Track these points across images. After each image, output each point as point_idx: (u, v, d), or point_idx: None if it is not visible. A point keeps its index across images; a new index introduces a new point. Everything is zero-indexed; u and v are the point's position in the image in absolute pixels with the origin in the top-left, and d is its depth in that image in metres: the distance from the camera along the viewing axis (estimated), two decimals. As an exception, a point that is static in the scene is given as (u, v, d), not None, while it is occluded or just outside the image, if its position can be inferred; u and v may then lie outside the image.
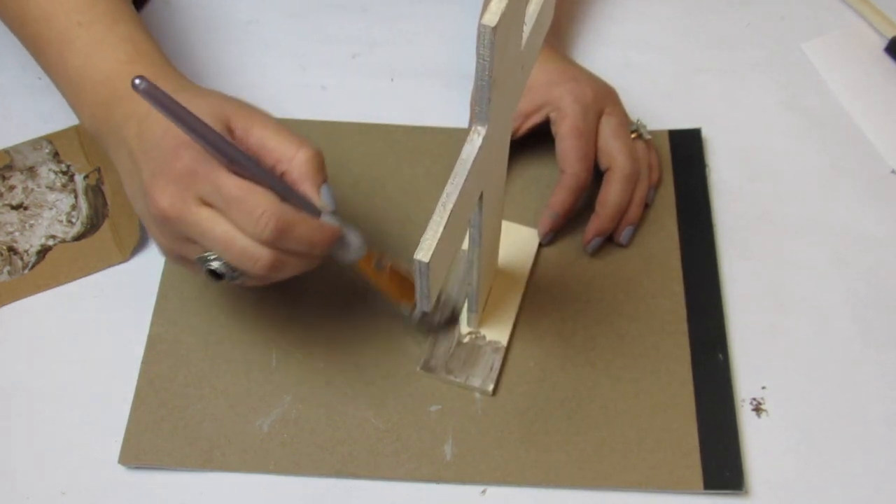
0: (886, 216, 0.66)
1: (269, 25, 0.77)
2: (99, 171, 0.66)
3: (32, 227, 0.64)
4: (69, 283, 0.62)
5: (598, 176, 0.63)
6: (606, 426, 0.56)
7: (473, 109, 0.41)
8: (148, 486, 0.54)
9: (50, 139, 0.68)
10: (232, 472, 0.55)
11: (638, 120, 0.65)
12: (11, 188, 0.66)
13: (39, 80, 0.71)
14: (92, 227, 0.64)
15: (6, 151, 0.67)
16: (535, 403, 0.57)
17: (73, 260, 0.62)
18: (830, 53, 0.75)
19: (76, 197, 0.65)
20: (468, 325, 0.59)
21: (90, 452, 0.55)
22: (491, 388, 0.57)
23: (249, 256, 0.45)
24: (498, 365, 0.58)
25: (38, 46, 0.56)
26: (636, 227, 0.63)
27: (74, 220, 0.64)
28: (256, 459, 0.55)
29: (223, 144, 0.44)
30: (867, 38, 0.76)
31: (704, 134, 0.70)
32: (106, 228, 0.64)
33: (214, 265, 0.47)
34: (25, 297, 0.61)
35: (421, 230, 0.40)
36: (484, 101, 0.40)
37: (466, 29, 0.76)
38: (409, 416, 0.56)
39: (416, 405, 0.57)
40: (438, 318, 0.59)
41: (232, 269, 0.47)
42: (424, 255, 0.40)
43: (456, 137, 0.69)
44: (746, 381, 0.58)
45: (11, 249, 0.63)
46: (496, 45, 0.37)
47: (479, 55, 0.37)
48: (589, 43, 0.76)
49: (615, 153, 0.61)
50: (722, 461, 0.55)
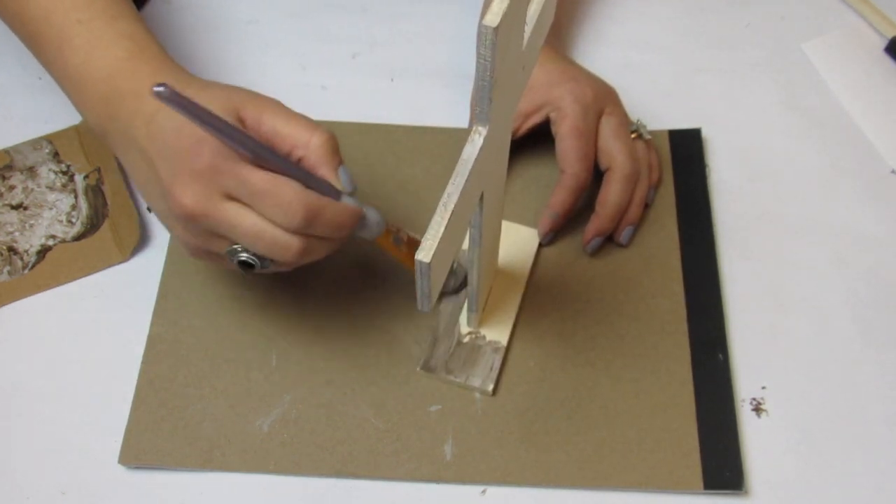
0: (886, 216, 0.66)
1: (269, 25, 0.77)
2: (99, 171, 0.66)
3: (32, 227, 0.64)
4: (69, 283, 0.62)
5: (598, 176, 0.63)
6: (606, 426, 0.56)
7: (474, 110, 0.41)
8: (148, 486, 0.54)
9: (50, 139, 0.68)
10: (232, 472, 0.55)
11: (638, 120, 0.65)
12: (11, 188, 0.65)
13: (40, 79, 0.71)
14: (92, 227, 0.64)
15: (6, 151, 0.67)
16: (535, 403, 0.57)
17: (73, 260, 0.62)
18: (830, 53, 0.75)
19: (76, 197, 0.65)
20: (468, 324, 0.59)
21: (90, 452, 0.55)
22: (491, 388, 0.57)
23: (281, 245, 0.46)
24: (498, 365, 0.58)
25: (38, 45, 0.56)
26: (636, 227, 0.63)
27: (74, 220, 0.64)
28: (256, 459, 0.55)
29: (244, 139, 0.45)
30: (867, 38, 0.76)
31: (704, 134, 0.70)
32: (106, 228, 0.64)
33: (244, 256, 0.48)
34: (25, 297, 0.61)
35: (421, 230, 0.40)
36: (485, 101, 0.40)
37: (466, 29, 0.76)
38: (409, 416, 0.56)
39: (416, 405, 0.57)
40: (453, 283, 0.60)
41: (261, 258, 0.48)
42: (425, 255, 0.40)
43: (456, 137, 0.69)
44: (746, 381, 0.58)
45: (11, 249, 0.63)
46: (497, 45, 0.37)
47: (480, 55, 0.37)
48: (589, 43, 0.76)
49: (615, 153, 0.61)
50: (722, 461, 0.55)
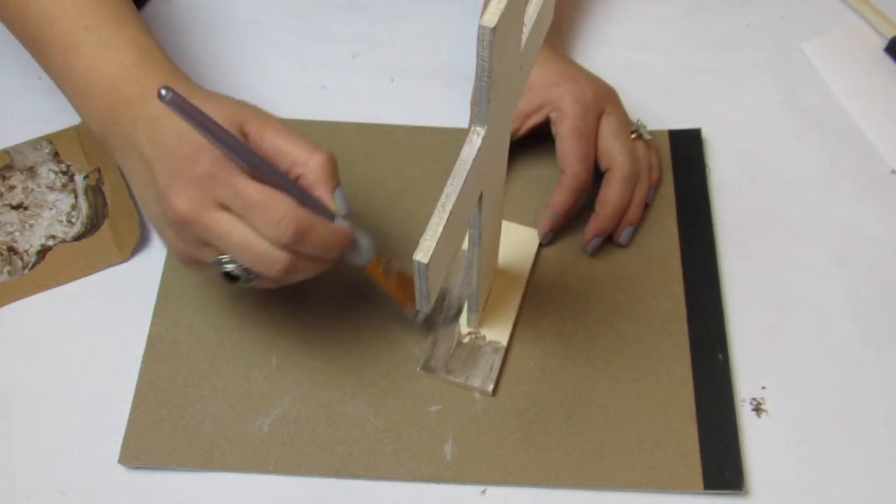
0: (886, 216, 0.66)
1: (269, 25, 0.77)
2: (99, 171, 0.66)
3: (32, 227, 0.64)
4: (69, 283, 0.62)
5: (598, 176, 0.63)
6: (606, 426, 0.56)
7: (473, 110, 0.41)
8: (148, 486, 0.54)
9: (50, 139, 0.68)
10: (232, 472, 0.55)
11: (638, 120, 0.65)
12: (11, 188, 0.66)
13: (40, 80, 0.71)
14: (92, 227, 0.64)
15: (6, 151, 0.67)
16: (535, 403, 0.57)
17: (73, 260, 0.62)
18: (830, 53, 0.75)
19: (76, 197, 0.65)
20: (468, 325, 0.59)
21: (90, 452, 0.55)
22: (491, 388, 0.57)
23: (267, 260, 0.46)
24: (498, 365, 0.58)
25: (40, 49, 0.55)
26: (636, 227, 0.63)
27: (74, 220, 0.64)
28: (256, 459, 0.55)
29: (245, 151, 0.45)
30: (867, 38, 0.76)
31: (704, 134, 0.70)
32: (106, 228, 0.64)
33: (230, 268, 0.47)
34: (25, 297, 0.61)
35: (421, 230, 0.40)
36: (483, 101, 0.40)
37: (466, 29, 0.76)
38: (409, 416, 0.56)
39: (416, 405, 0.57)
40: (443, 317, 0.59)
41: (247, 271, 0.47)
42: (423, 255, 0.40)
43: (456, 137, 0.69)
44: (746, 381, 0.58)
45: (11, 249, 0.63)
46: (496, 45, 0.37)
47: (478, 56, 0.37)
48: (589, 43, 0.76)
49: (615, 153, 0.61)
50: (722, 461, 0.55)
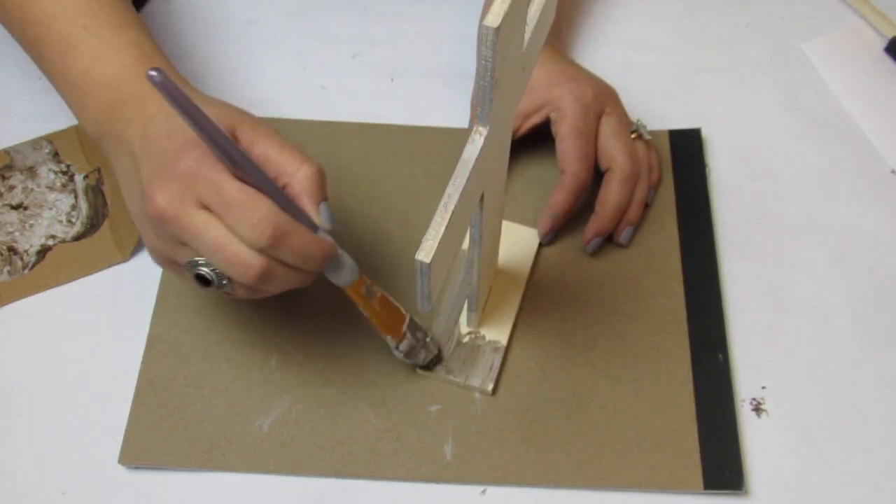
0: (886, 216, 0.66)
1: (269, 25, 0.77)
2: (99, 171, 0.66)
3: (32, 227, 0.64)
4: (69, 283, 0.62)
5: (598, 176, 0.63)
6: (606, 426, 0.56)
7: (475, 110, 0.41)
8: (148, 486, 0.54)
9: (50, 139, 0.68)
10: (232, 472, 0.55)
11: (638, 120, 0.65)
12: (11, 188, 0.65)
13: (39, 80, 0.71)
14: (92, 227, 0.64)
15: (6, 151, 0.67)
16: (535, 403, 0.57)
17: (73, 260, 0.62)
18: (830, 53, 0.75)
19: (76, 197, 0.65)
20: (468, 324, 0.59)
21: (90, 452, 0.55)
22: (490, 387, 0.57)
23: (241, 263, 0.44)
24: (497, 365, 0.58)
25: (38, 49, 0.55)
26: (636, 227, 0.63)
27: (74, 220, 0.64)
28: (256, 459, 0.55)
29: (229, 147, 0.44)
30: (867, 38, 0.76)
31: (704, 134, 0.70)
32: (106, 228, 0.64)
33: (203, 270, 0.46)
34: (25, 297, 0.61)
35: (421, 230, 0.40)
36: (486, 101, 0.40)
37: (466, 29, 0.76)
38: (409, 416, 0.56)
39: (416, 405, 0.57)
40: (424, 356, 0.56)
41: (220, 275, 0.46)
42: (426, 255, 0.40)
43: (456, 137, 0.69)
44: (746, 381, 0.58)
45: (11, 249, 0.63)
46: (499, 45, 0.37)
47: (481, 56, 0.37)
48: (589, 43, 0.76)
49: (615, 153, 0.61)
50: (722, 461, 0.55)
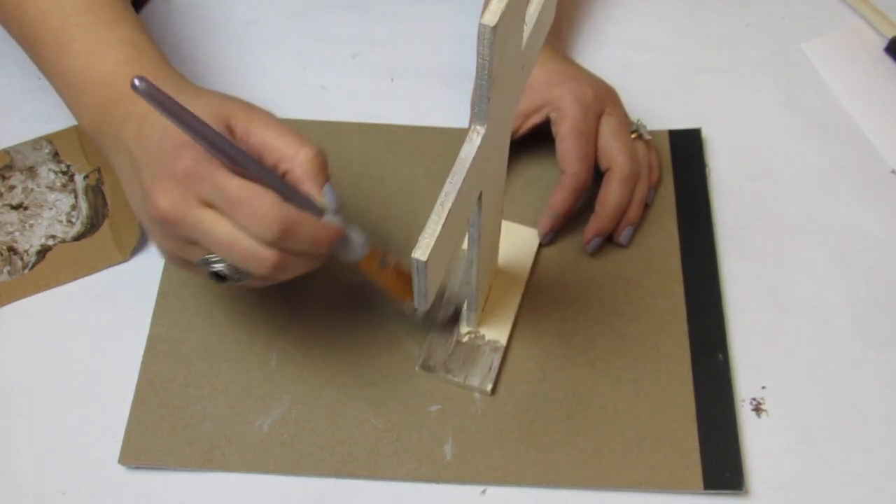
0: (886, 216, 0.66)
1: (269, 25, 0.77)
2: (99, 171, 0.66)
3: (32, 227, 0.64)
4: (69, 283, 0.62)
5: (598, 176, 0.63)
6: (606, 426, 0.56)
7: (473, 109, 0.41)
8: (148, 486, 0.54)
9: (50, 139, 0.68)
10: (232, 472, 0.55)
11: (638, 120, 0.65)
12: (11, 188, 0.66)
13: (39, 80, 0.71)
14: (92, 227, 0.64)
15: (6, 151, 0.67)
16: (534, 403, 0.57)
17: (73, 260, 0.62)
18: (830, 53, 0.75)
19: (76, 197, 0.65)
20: (467, 324, 0.59)
21: (90, 452, 0.55)
22: (489, 387, 0.57)
23: (254, 257, 0.44)
24: (497, 364, 0.58)
25: (35, 48, 0.55)
26: (636, 227, 0.63)
27: (74, 220, 0.64)
28: (256, 459, 0.55)
29: (224, 144, 0.44)
30: (867, 38, 0.76)
31: (704, 134, 0.70)
32: (106, 228, 0.64)
33: (218, 267, 0.46)
34: (25, 297, 0.61)
35: (421, 230, 0.40)
36: (483, 100, 0.40)
37: (466, 29, 0.76)
38: (409, 416, 0.56)
39: (416, 405, 0.57)
40: (442, 315, 0.59)
41: (236, 270, 0.46)
42: (422, 253, 0.40)
43: (456, 137, 0.69)
44: (746, 381, 0.58)
45: (11, 249, 0.63)
46: (496, 44, 0.37)
47: (479, 55, 0.37)
48: (589, 43, 0.76)
49: (615, 153, 0.61)
50: (722, 461, 0.55)
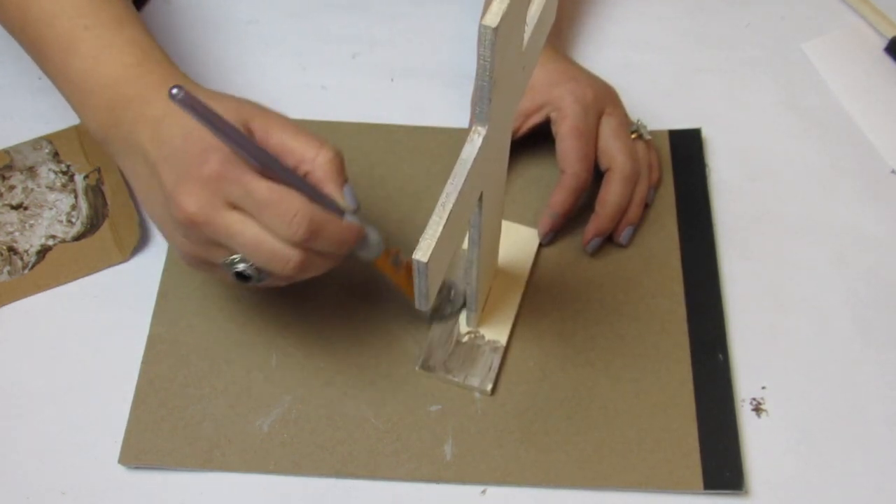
0: (886, 216, 0.66)
1: (269, 25, 0.77)
2: (99, 171, 0.66)
3: (32, 227, 0.64)
4: (69, 283, 0.62)
5: (598, 176, 0.63)
6: (606, 426, 0.56)
7: (474, 110, 0.41)
8: (148, 486, 0.54)
9: (50, 139, 0.68)
10: (232, 472, 0.55)
11: (638, 120, 0.65)
12: (11, 188, 0.66)
13: (39, 80, 0.71)
14: (92, 227, 0.64)
15: (6, 151, 0.67)
16: (534, 403, 0.57)
17: (73, 260, 0.62)
18: (830, 53, 0.75)
19: (76, 197, 0.65)
20: (467, 324, 0.59)
21: (90, 452, 0.55)
22: (489, 387, 0.57)
23: (280, 258, 0.45)
24: (497, 364, 0.58)
25: (39, 50, 0.55)
26: (636, 227, 0.63)
27: (74, 220, 0.64)
28: (256, 459, 0.55)
29: (255, 149, 0.45)
30: (867, 38, 0.76)
31: (704, 134, 0.70)
32: (106, 228, 0.64)
33: (241, 268, 0.47)
34: (25, 297, 0.61)
35: (421, 230, 0.40)
36: (484, 101, 0.40)
37: (466, 29, 0.76)
38: (409, 416, 0.56)
39: (416, 405, 0.57)
40: (450, 309, 0.59)
41: (259, 270, 0.47)
42: (423, 254, 0.40)
43: (456, 137, 0.69)
44: (746, 381, 0.58)
45: (11, 249, 0.63)
46: (497, 45, 0.37)
47: (480, 56, 0.37)
48: (589, 43, 0.76)
49: (615, 153, 0.61)
50: (722, 461, 0.55)
